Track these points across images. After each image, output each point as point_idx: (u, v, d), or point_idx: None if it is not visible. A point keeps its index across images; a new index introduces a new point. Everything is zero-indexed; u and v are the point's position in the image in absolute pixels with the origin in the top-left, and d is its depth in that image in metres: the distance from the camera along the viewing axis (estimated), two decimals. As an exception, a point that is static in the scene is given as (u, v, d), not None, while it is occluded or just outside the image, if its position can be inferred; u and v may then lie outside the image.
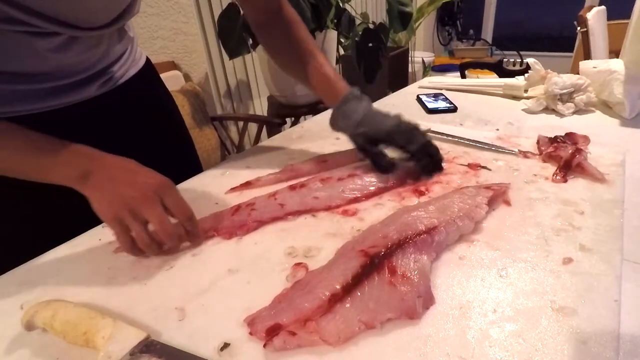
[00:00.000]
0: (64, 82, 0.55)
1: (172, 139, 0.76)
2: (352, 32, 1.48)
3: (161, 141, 0.72)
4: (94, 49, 0.56)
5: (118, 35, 0.61)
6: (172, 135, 0.76)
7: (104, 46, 0.58)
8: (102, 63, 0.60)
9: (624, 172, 0.58)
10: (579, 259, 0.41)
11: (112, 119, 0.63)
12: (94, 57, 0.58)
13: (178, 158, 0.76)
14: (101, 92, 0.60)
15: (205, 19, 1.74)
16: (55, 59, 0.52)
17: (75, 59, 0.54)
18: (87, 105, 0.59)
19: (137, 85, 0.67)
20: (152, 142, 0.69)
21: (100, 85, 0.60)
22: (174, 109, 0.79)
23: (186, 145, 0.81)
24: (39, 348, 0.36)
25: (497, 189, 0.52)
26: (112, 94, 0.62)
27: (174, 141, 0.76)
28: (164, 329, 0.37)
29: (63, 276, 0.45)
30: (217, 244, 0.49)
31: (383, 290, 0.37)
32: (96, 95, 0.60)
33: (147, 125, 0.69)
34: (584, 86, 0.87)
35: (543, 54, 3.43)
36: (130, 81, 0.65)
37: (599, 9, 1.72)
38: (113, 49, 0.61)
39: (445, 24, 3.93)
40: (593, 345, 0.32)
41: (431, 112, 0.94)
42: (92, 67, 0.58)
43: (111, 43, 0.60)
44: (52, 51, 0.50)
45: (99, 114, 0.61)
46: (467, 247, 0.44)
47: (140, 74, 0.68)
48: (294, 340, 0.33)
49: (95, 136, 0.58)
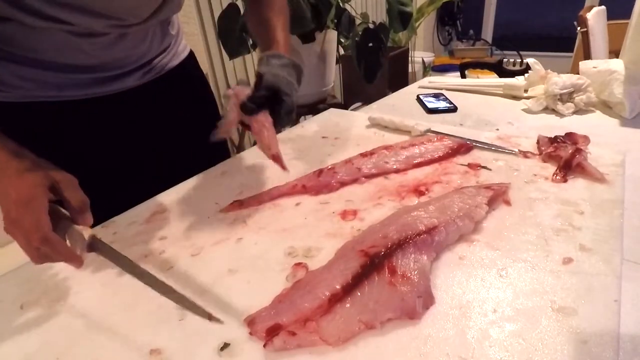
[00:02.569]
0: (106, 74, 0.59)
1: (206, 127, 0.76)
2: (352, 32, 1.48)
3: (195, 129, 0.72)
4: (138, 45, 0.61)
5: (161, 31, 0.65)
6: (205, 124, 0.75)
7: (147, 42, 0.63)
8: (145, 57, 0.64)
9: (624, 172, 0.57)
10: (579, 259, 0.41)
11: (147, 109, 0.67)
12: (138, 53, 0.62)
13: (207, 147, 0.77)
14: (142, 82, 0.65)
15: (205, 19, 1.74)
16: (100, 55, 0.57)
17: (121, 54, 0.59)
18: (127, 94, 0.63)
19: (177, 75, 0.71)
20: (187, 129, 0.73)
21: (141, 75, 0.65)
22: (210, 99, 0.81)
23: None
24: (39, 348, 0.36)
25: (497, 189, 0.52)
26: (150, 85, 0.66)
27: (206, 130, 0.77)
28: (164, 328, 0.37)
29: (63, 276, 0.45)
30: (217, 244, 0.49)
31: (383, 290, 0.37)
32: (135, 85, 0.64)
33: (183, 114, 0.73)
34: (584, 86, 0.87)
35: (543, 54, 3.43)
36: (170, 72, 0.69)
37: (599, 9, 1.72)
38: (157, 44, 0.65)
39: (445, 24, 3.93)
40: (593, 345, 0.32)
41: (431, 112, 0.94)
42: (135, 62, 0.63)
43: (154, 39, 0.64)
44: (98, 49, 0.55)
45: (138, 102, 0.65)
46: (467, 247, 0.44)
47: (182, 66, 0.72)
48: (294, 340, 0.33)
49: (133, 124, 0.66)
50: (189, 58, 0.75)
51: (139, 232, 0.53)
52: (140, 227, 0.54)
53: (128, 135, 0.66)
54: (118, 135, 0.65)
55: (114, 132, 0.64)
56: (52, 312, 0.40)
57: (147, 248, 0.49)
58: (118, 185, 0.63)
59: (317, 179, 0.60)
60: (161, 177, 0.65)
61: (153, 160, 0.69)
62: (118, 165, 0.65)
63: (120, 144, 0.65)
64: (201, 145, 0.67)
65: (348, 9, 1.53)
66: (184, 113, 0.73)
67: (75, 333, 0.37)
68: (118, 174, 0.65)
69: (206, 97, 0.80)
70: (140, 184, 0.62)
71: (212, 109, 0.81)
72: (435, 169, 0.62)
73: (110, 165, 0.64)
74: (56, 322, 0.39)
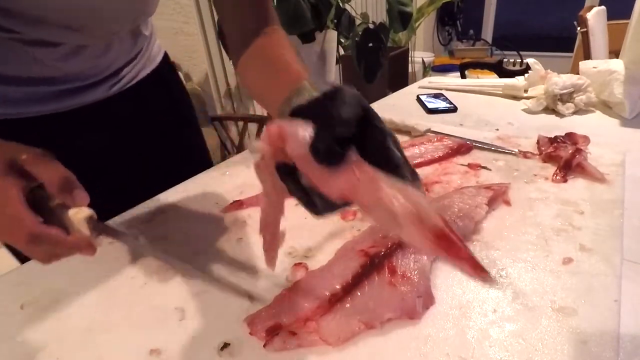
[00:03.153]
0: (70, 86, 0.53)
1: (182, 137, 0.73)
2: (352, 32, 1.48)
3: (170, 140, 0.70)
4: (104, 54, 0.54)
5: (131, 36, 0.58)
6: (181, 134, 0.73)
7: (114, 51, 0.56)
8: (113, 67, 0.57)
9: (624, 172, 0.57)
10: (579, 259, 0.41)
11: (121, 121, 0.61)
12: (104, 63, 0.56)
13: (187, 156, 0.74)
14: (111, 94, 0.58)
15: (205, 19, 1.74)
16: (61, 67, 0.50)
17: (84, 65, 0.53)
18: (94, 107, 0.57)
19: (150, 84, 0.64)
20: (161, 142, 0.67)
21: (110, 86, 0.58)
22: (187, 105, 0.75)
23: (196, 143, 0.79)
24: (40, 348, 0.36)
25: (497, 189, 0.52)
26: (122, 95, 0.60)
27: (183, 140, 0.73)
28: (164, 329, 0.37)
29: (63, 276, 0.45)
30: (217, 244, 0.49)
31: (383, 290, 0.37)
32: (105, 97, 0.58)
33: (156, 124, 0.67)
34: (584, 86, 0.87)
35: (543, 54, 3.43)
36: (143, 81, 0.63)
37: (599, 9, 1.72)
38: (125, 51, 0.59)
39: (445, 24, 3.93)
40: (593, 345, 0.32)
41: (431, 112, 0.94)
42: (102, 72, 0.56)
43: (123, 46, 0.57)
44: (57, 60, 0.49)
45: (107, 115, 0.59)
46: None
47: (156, 72, 0.65)
48: (294, 340, 0.33)
49: (103, 138, 0.59)
50: (163, 62, 0.68)
51: (139, 232, 0.53)
52: (140, 227, 0.54)
53: (104, 147, 0.60)
54: (94, 149, 0.59)
55: (90, 145, 0.58)
56: (52, 312, 0.40)
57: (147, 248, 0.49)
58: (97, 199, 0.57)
59: None
60: (145, 184, 0.61)
61: (137, 169, 0.65)
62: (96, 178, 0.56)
63: (97, 155, 0.59)
64: (174, 156, 0.65)
65: (348, 9, 1.53)
66: (157, 124, 0.67)
67: (75, 333, 0.37)
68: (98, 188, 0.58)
69: (182, 103, 0.74)
70: (124, 194, 0.58)
71: (187, 115, 0.76)
72: (435, 169, 0.62)
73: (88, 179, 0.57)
74: (56, 322, 0.39)
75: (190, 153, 0.75)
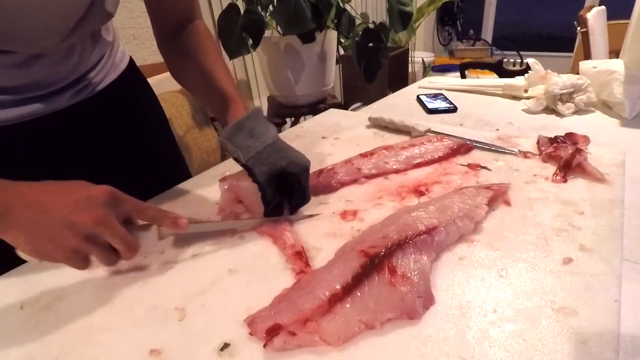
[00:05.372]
0: (32, 95, 0.51)
1: (152, 147, 0.70)
2: (352, 32, 1.48)
3: (139, 151, 0.66)
4: (63, 61, 0.52)
5: (92, 42, 0.56)
6: (151, 144, 0.70)
7: (75, 57, 0.53)
8: (74, 74, 0.55)
9: (624, 172, 0.57)
10: (579, 259, 0.41)
11: (85, 131, 0.58)
12: (65, 70, 0.53)
13: (160, 167, 0.70)
14: (74, 102, 0.56)
15: (206, 19, 1.73)
16: (18, 74, 0.48)
17: (44, 72, 0.50)
18: (58, 116, 0.54)
19: (116, 91, 0.61)
20: (130, 153, 0.65)
21: (73, 95, 0.55)
22: (157, 113, 0.73)
23: (168, 152, 0.76)
24: (39, 348, 0.36)
25: (497, 189, 0.52)
26: (86, 103, 0.57)
27: (154, 150, 0.70)
28: (164, 329, 0.37)
29: (63, 276, 0.45)
30: (217, 244, 0.49)
31: (383, 290, 0.37)
32: (68, 105, 0.55)
33: (124, 134, 0.64)
34: (584, 86, 0.87)
35: (543, 54, 3.43)
36: (108, 88, 0.60)
37: (599, 9, 1.72)
38: (87, 57, 0.56)
39: (445, 24, 3.93)
40: (593, 345, 0.32)
41: (431, 112, 0.94)
42: (63, 79, 0.53)
43: (84, 52, 0.55)
44: (11, 67, 0.47)
45: (71, 125, 0.56)
46: (467, 247, 0.44)
47: (121, 79, 0.63)
48: (294, 340, 0.33)
49: (67, 149, 0.56)
50: (129, 68, 0.65)
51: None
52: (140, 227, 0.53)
53: (70, 157, 0.57)
54: (59, 159, 0.56)
55: (56, 156, 0.56)
56: (52, 312, 0.40)
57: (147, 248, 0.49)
58: None
59: (317, 179, 0.60)
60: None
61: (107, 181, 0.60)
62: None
63: (63, 166, 0.55)
64: (151, 161, 0.63)
65: (348, 9, 1.53)
66: (124, 133, 0.64)
67: (75, 333, 0.37)
68: None
69: (150, 110, 0.71)
70: None
71: (158, 122, 0.73)
72: (435, 169, 0.62)
73: None
74: (56, 322, 0.39)
75: (162, 163, 0.71)
